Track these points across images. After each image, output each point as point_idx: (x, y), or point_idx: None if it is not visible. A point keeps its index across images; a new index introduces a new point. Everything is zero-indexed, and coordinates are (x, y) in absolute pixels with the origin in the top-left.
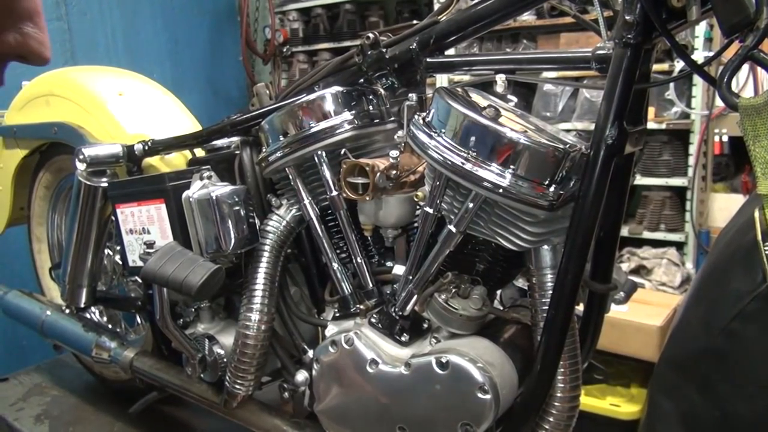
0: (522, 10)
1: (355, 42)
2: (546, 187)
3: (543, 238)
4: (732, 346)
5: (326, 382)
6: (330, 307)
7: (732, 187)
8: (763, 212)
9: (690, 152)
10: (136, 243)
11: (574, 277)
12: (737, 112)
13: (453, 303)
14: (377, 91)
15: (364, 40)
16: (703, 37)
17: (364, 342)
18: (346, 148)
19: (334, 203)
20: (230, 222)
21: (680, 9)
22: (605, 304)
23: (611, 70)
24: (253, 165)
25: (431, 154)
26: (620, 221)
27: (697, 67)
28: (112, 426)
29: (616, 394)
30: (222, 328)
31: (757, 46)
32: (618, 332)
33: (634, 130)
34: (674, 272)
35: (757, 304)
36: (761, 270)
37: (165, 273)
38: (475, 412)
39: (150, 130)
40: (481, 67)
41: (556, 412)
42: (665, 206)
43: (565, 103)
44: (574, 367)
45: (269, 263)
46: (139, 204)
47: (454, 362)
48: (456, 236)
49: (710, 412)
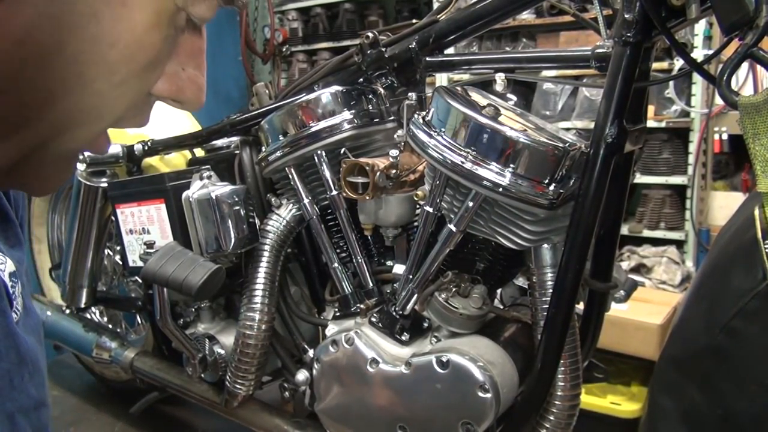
0: (521, 8)
1: (354, 41)
2: (546, 185)
3: (543, 236)
4: (733, 344)
5: (327, 382)
6: (330, 306)
7: (732, 185)
8: (763, 210)
9: (690, 150)
10: (136, 243)
11: (575, 276)
12: (737, 110)
13: (453, 302)
14: (377, 91)
15: (364, 39)
16: (703, 36)
17: (365, 341)
18: (346, 147)
19: (334, 203)
20: (230, 222)
21: (680, 7)
22: (605, 303)
23: (611, 68)
24: (252, 165)
25: (431, 153)
26: (620, 220)
27: (696, 65)
28: (113, 426)
29: (617, 392)
30: (222, 328)
31: (757, 44)
32: (618, 331)
33: (634, 129)
34: (674, 270)
35: (758, 302)
36: (761, 268)
37: (165, 273)
38: (476, 411)
39: (150, 130)
40: (480, 66)
41: (557, 410)
42: (665, 204)
43: (564, 101)
44: (575, 366)
45: (269, 263)
46: (139, 204)
47: (455, 361)
48: (456, 235)
49: (711, 410)
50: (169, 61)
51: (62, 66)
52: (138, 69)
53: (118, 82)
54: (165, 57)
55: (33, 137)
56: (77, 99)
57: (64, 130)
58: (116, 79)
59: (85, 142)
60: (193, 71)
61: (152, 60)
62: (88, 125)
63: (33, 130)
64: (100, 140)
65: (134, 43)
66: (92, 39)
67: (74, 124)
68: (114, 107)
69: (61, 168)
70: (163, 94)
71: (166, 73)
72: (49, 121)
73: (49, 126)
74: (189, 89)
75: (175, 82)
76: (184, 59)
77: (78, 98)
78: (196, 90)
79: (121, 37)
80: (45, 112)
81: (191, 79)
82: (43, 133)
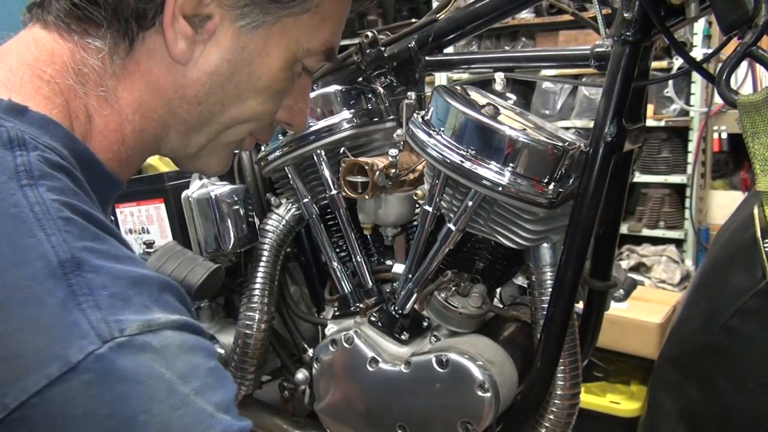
0: (520, 7)
1: (353, 40)
2: (545, 185)
3: (542, 236)
4: (732, 343)
5: (326, 381)
6: (330, 305)
7: (731, 184)
8: (763, 209)
9: (689, 149)
10: (136, 243)
11: (574, 275)
12: (736, 109)
13: (453, 301)
14: (376, 90)
15: (363, 38)
16: (702, 34)
17: (364, 341)
18: (346, 146)
19: (334, 202)
20: (229, 221)
21: (679, 6)
22: (605, 302)
23: (610, 67)
24: (252, 164)
25: (430, 152)
26: (619, 219)
27: (695, 64)
28: None
29: (616, 391)
30: (222, 328)
31: (756, 43)
32: (618, 330)
33: (633, 128)
34: (674, 269)
35: (757, 301)
36: (761, 267)
37: (164, 272)
38: (475, 410)
39: None
40: (479, 65)
41: (556, 409)
42: (664, 203)
43: (564, 100)
44: (574, 365)
45: (269, 262)
46: (139, 204)
47: (454, 360)
48: (455, 234)
49: (710, 409)
50: (288, 96)
51: (231, 89)
52: (272, 94)
53: (261, 101)
54: (287, 90)
55: (213, 131)
56: (239, 109)
57: (231, 128)
58: (260, 98)
59: (242, 138)
60: (302, 104)
61: (280, 90)
62: (244, 124)
63: (213, 127)
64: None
65: (271, 78)
66: (248, 74)
67: (236, 123)
68: (258, 116)
69: (229, 155)
70: (281, 119)
71: (284, 105)
72: (222, 122)
73: (222, 125)
74: (298, 117)
75: (290, 111)
76: (297, 95)
77: (239, 109)
78: (303, 118)
79: (264, 74)
80: (220, 117)
81: (301, 110)
82: (219, 129)
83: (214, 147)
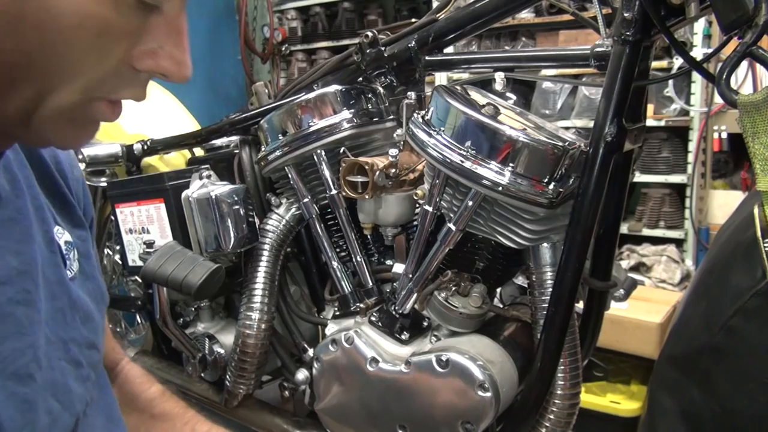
0: (520, 7)
1: (353, 40)
2: (545, 184)
3: (542, 235)
4: (732, 343)
5: (326, 381)
6: (330, 305)
7: (731, 183)
8: (763, 209)
9: (689, 149)
10: (136, 242)
11: (574, 275)
12: (736, 108)
13: (453, 301)
14: (376, 90)
15: (363, 38)
16: (702, 34)
17: (364, 340)
18: (346, 146)
19: (334, 202)
20: (230, 221)
21: (679, 6)
22: (605, 302)
23: (610, 67)
24: (252, 164)
25: (430, 152)
26: (620, 218)
27: (695, 64)
28: None
29: (616, 391)
30: (222, 328)
31: (756, 43)
32: (618, 329)
33: (633, 128)
34: (674, 269)
35: (757, 301)
36: (761, 266)
37: (165, 272)
38: (476, 410)
39: (149, 129)
40: (479, 65)
41: (557, 409)
42: (664, 203)
43: (564, 100)
44: (574, 365)
45: (269, 262)
46: (139, 204)
47: (454, 360)
48: (455, 234)
49: (711, 409)
50: (145, 39)
51: (28, 32)
52: (92, 36)
53: (78, 48)
54: (128, 31)
55: (28, 92)
56: (49, 60)
57: (51, 88)
58: (74, 43)
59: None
60: (172, 49)
61: (104, 29)
62: (69, 84)
63: (26, 86)
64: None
65: (81, 12)
66: (45, 9)
67: (57, 82)
68: (85, 70)
69: (76, 125)
70: (146, 69)
71: (146, 50)
72: (34, 79)
73: (36, 83)
74: (169, 64)
75: (155, 58)
76: (162, 38)
77: (49, 60)
78: (175, 65)
79: (68, 8)
80: (29, 72)
81: (170, 56)
82: (34, 89)
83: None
